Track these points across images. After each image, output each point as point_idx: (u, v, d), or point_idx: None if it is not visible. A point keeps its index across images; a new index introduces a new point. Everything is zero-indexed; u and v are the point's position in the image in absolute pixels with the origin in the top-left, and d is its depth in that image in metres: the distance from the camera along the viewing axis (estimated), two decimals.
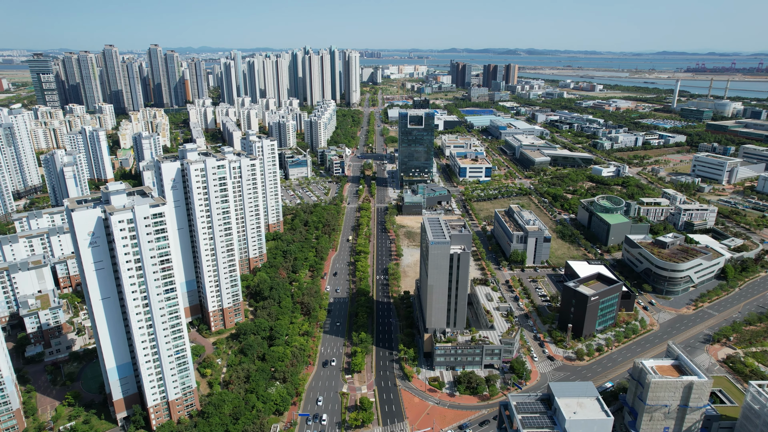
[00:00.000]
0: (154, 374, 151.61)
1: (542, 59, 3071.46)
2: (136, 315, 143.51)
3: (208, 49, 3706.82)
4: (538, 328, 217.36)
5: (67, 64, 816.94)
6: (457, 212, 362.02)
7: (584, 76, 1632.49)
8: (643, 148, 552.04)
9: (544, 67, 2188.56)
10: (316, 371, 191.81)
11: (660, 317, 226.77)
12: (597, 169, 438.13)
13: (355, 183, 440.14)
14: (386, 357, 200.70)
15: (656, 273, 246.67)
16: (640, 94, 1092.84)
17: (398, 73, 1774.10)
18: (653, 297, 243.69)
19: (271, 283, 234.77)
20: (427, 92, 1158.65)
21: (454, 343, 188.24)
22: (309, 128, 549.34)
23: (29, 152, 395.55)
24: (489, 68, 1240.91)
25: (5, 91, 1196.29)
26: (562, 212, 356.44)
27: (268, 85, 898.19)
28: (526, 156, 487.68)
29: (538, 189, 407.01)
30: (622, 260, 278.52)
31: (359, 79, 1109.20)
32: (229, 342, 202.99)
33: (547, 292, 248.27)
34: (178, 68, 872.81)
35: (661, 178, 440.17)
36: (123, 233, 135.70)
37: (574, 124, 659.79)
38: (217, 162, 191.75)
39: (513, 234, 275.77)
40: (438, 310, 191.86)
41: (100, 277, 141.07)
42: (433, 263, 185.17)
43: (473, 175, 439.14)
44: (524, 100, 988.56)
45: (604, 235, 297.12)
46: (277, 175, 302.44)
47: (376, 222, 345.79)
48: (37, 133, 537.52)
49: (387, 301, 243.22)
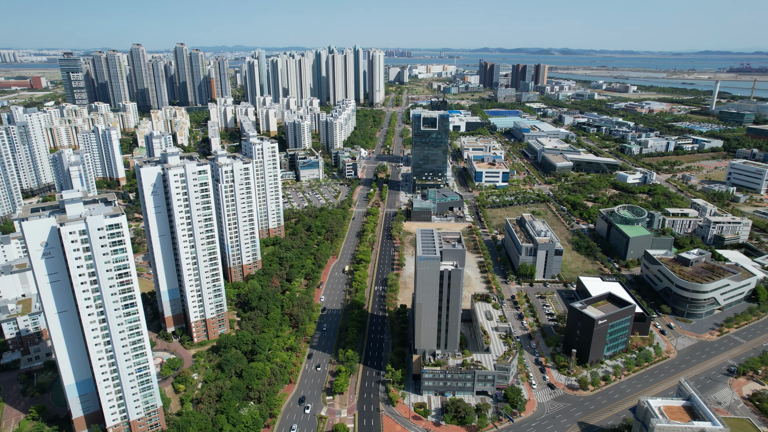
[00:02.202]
0: (114, 393, 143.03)
1: (576, 59, 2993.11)
2: (92, 331, 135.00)
3: (241, 48, 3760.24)
4: (541, 351, 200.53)
5: (97, 63, 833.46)
6: (469, 219, 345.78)
7: (618, 76, 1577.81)
8: (674, 154, 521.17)
9: (578, 67, 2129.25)
10: (296, 391, 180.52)
11: (678, 343, 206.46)
12: (622, 176, 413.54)
13: (367, 186, 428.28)
14: (373, 377, 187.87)
15: (677, 293, 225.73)
16: (677, 96, 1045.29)
17: (426, 72, 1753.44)
18: (672, 320, 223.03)
19: (260, 293, 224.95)
20: (453, 92, 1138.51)
21: (443, 367, 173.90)
22: (324, 129, 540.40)
23: (43, 150, 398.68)
24: (518, 68, 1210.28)
25: (44, 89, 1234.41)
26: (580, 221, 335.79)
27: (291, 85, 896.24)
28: (548, 160, 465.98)
29: (557, 196, 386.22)
30: (641, 277, 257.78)
31: (384, 78, 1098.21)
32: (209, 355, 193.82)
33: (555, 310, 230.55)
34: (202, 67, 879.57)
35: (692, 186, 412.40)
36: (75, 245, 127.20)
37: (602, 127, 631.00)
38: (197, 167, 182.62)
39: (522, 246, 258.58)
40: (427, 330, 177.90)
41: (56, 290, 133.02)
42: (422, 280, 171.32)
43: (489, 180, 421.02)
44: (552, 101, 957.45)
45: (623, 249, 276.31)
46: (278, 178, 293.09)
47: (383, 228, 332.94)
48: (60, 131, 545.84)
49: (382, 315, 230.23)
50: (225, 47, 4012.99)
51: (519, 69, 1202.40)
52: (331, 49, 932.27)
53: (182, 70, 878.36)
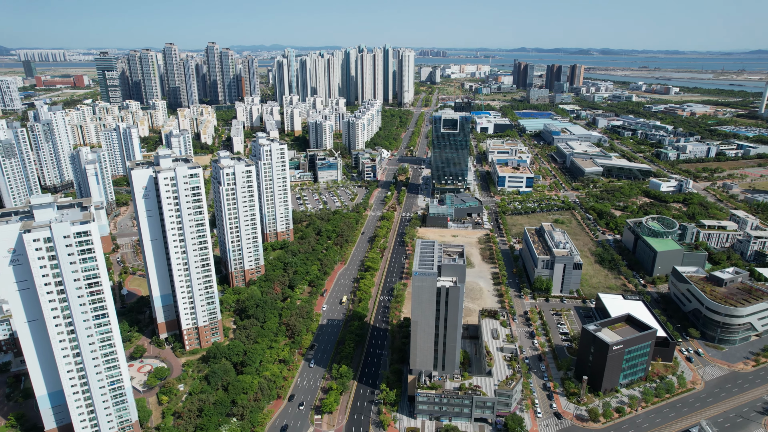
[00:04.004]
0: (84, 406, 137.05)
1: (617, 59, 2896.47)
2: (59, 342, 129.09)
3: (278, 47, 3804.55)
4: (550, 375, 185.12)
5: (132, 62, 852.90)
6: (487, 226, 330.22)
7: (660, 77, 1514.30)
8: (716, 160, 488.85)
9: (617, 68, 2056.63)
10: (284, 407, 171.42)
11: (707, 373, 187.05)
12: (655, 183, 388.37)
13: (386, 189, 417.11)
14: (366, 396, 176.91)
15: (707, 316, 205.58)
16: (722, 98, 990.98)
17: (459, 72, 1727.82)
18: (701, 345, 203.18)
19: (258, 300, 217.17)
20: (485, 93, 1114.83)
21: (439, 390, 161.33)
22: (346, 129, 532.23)
23: (67, 148, 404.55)
24: (552, 69, 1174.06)
25: (85, 87, 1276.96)
26: (606, 232, 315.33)
27: (319, 84, 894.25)
28: (576, 165, 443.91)
29: (583, 203, 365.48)
30: (668, 295, 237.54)
31: (414, 78, 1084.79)
32: (199, 365, 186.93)
33: (570, 329, 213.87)
34: (232, 66, 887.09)
35: (733, 195, 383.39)
36: (39, 253, 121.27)
37: (637, 131, 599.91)
38: (189, 170, 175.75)
39: (538, 258, 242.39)
40: (423, 350, 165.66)
41: (25, 298, 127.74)
42: (417, 297, 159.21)
43: (513, 185, 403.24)
44: (587, 103, 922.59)
45: (650, 264, 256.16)
46: (286, 181, 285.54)
47: (396, 234, 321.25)
48: (89, 128, 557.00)
49: (384, 328, 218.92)
50: (263, 46, 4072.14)
51: (554, 69, 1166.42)
52: (361, 48, 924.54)
53: (213, 68, 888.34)
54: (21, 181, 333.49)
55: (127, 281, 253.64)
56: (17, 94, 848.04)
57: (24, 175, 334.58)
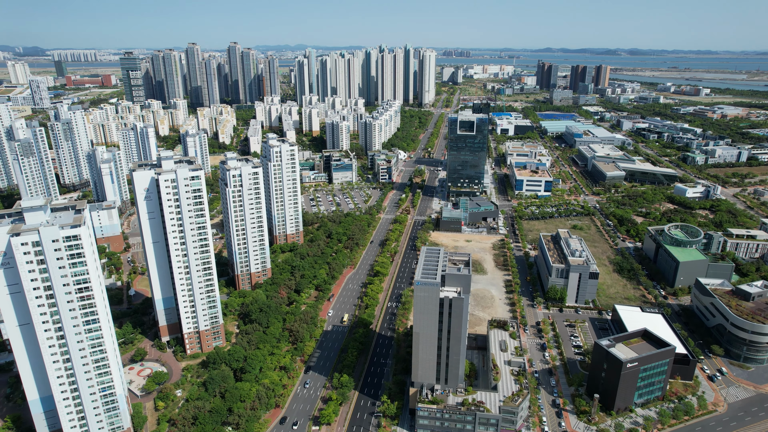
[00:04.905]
0: (75, 412, 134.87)
1: (645, 60, 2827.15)
2: (49, 347, 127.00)
3: (303, 47, 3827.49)
4: (561, 391, 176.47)
5: (155, 61, 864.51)
6: (503, 231, 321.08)
7: (690, 78, 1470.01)
8: (747, 165, 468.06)
9: (646, 68, 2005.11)
10: (281, 417, 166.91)
11: (730, 394, 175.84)
12: (680, 189, 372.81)
13: (401, 191, 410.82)
14: (367, 408, 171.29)
15: (732, 332, 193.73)
16: (756, 100, 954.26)
17: (482, 72, 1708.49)
18: (725, 364, 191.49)
19: (262, 304, 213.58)
20: (507, 93, 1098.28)
21: (440, 405, 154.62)
22: (363, 130, 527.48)
23: (86, 147, 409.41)
24: (577, 69, 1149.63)
25: (113, 86, 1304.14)
26: (626, 239, 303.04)
27: (339, 84, 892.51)
28: (598, 169, 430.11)
29: (603, 209, 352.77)
30: (690, 308, 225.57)
31: (435, 78, 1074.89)
32: (198, 370, 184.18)
33: (584, 342, 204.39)
34: (254, 65, 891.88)
35: (764, 203, 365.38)
36: (28, 257, 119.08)
37: (663, 134, 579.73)
38: (190, 172, 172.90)
39: (552, 266, 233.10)
40: (425, 362, 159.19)
41: (16, 302, 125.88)
42: (419, 308, 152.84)
43: (531, 189, 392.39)
44: (612, 104, 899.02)
45: (671, 274, 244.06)
46: (296, 182, 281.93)
47: (408, 237, 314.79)
48: (111, 127, 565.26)
49: (390, 336, 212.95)
50: (287, 46, 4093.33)
51: (578, 70, 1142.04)
52: (382, 48, 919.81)
53: (234, 68, 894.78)
54: (39, 179, 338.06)
55: (136, 281, 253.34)
56: (47, 93, 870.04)
57: (42, 173, 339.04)
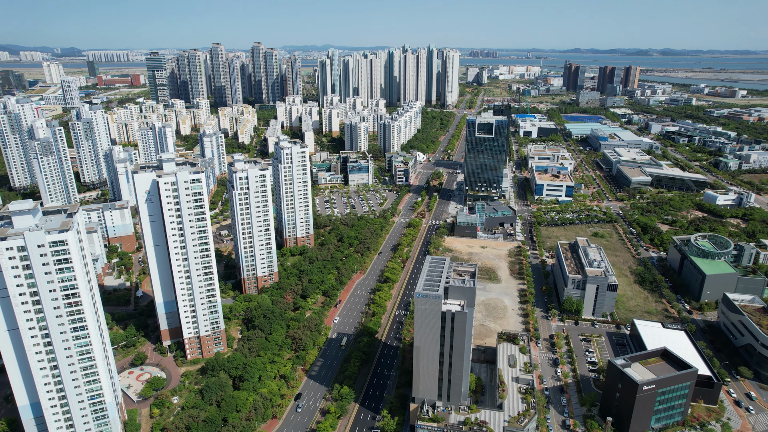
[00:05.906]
0: (62, 420, 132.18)
1: (678, 60, 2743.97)
2: (35, 354, 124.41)
3: (329, 47, 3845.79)
4: (572, 411, 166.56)
5: (180, 61, 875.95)
6: (520, 238, 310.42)
7: (726, 79, 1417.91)
8: None
9: (678, 69, 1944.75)
10: (278, 429, 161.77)
11: (759, 421, 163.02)
12: (710, 196, 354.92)
13: (417, 194, 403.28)
14: (367, 422, 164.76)
15: (762, 353, 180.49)
16: None
17: (508, 73, 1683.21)
18: (755, 387, 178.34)
19: (266, 310, 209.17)
20: (533, 95, 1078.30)
21: (441, 424, 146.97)
22: (381, 131, 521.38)
23: (106, 146, 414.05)
24: (605, 70, 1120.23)
25: (141, 86, 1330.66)
26: (650, 248, 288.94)
27: (362, 85, 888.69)
28: (623, 173, 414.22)
29: (627, 216, 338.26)
30: (717, 325, 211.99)
31: (459, 79, 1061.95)
32: (197, 376, 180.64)
33: (599, 358, 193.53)
34: (276, 65, 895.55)
35: None
36: (13, 262, 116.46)
37: (694, 137, 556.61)
38: (190, 175, 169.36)
39: (569, 276, 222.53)
40: (426, 377, 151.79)
41: (3, 306, 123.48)
42: (420, 321, 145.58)
43: (551, 194, 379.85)
44: (641, 106, 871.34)
45: (697, 288, 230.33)
46: (307, 185, 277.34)
47: (421, 243, 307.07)
48: (133, 126, 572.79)
49: (396, 346, 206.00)
50: (314, 46, 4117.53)
51: (606, 71, 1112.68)
52: (405, 48, 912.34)
53: (258, 68, 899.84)
54: (58, 178, 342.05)
55: (144, 282, 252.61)
56: (77, 93, 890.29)
57: (60, 172, 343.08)
